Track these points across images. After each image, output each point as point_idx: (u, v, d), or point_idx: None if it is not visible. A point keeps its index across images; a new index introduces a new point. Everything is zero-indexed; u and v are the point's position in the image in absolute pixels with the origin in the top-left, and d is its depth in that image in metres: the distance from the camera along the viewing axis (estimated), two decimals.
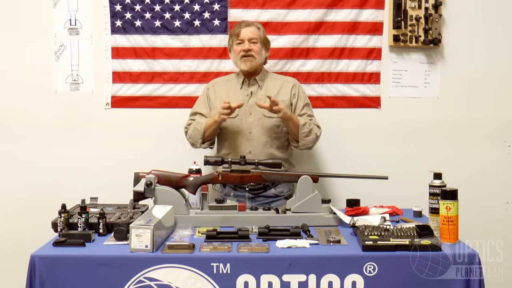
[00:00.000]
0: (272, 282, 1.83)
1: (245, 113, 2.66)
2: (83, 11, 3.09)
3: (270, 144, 2.64)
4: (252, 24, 2.71)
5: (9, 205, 3.12)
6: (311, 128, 2.62)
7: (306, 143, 2.64)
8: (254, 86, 2.71)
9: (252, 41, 2.65)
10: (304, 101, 2.74)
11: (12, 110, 3.10)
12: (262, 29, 2.74)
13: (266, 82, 2.73)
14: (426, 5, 3.07)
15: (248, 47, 2.64)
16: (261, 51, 2.69)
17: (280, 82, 2.76)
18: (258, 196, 2.65)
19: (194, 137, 2.64)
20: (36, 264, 1.83)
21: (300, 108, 2.71)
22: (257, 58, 2.66)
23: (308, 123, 2.62)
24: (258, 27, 2.72)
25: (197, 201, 2.34)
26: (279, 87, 2.72)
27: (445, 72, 3.15)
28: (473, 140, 3.17)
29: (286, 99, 2.69)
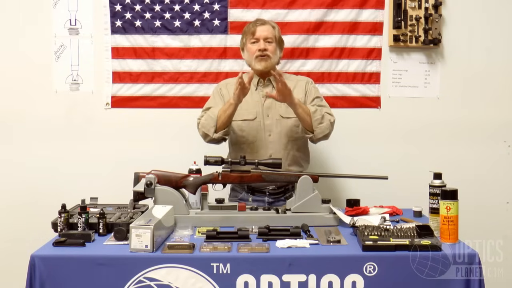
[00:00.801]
0: (272, 282, 1.83)
1: (262, 116, 2.60)
2: (83, 11, 3.09)
3: (291, 146, 2.58)
4: (267, 23, 2.62)
5: (9, 205, 3.12)
6: (323, 114, 2.51)
7: (322, 131, 2.51)
8: (269, 87, 2.63)
9: (267, 40, 2.56)
10: (314, 94, 2.65)
11: (12, 110, 3.10)
12: (277, 28, 2.65)
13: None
14: (426, 5, 3.07)
15: (263, 46, 2.54)
16: (276, 51, 2.60)
17: (294, 81, 2.68)
18: (278, 200, 2.60)
19: (206, 125, 2.51)
20: (36, 264, 1.83)
21: (310, 100, 2.62)
22: (272, 58, 2.57)
23: (319, 110, 2.52)
24: (273, 26, 2.63)
25: (197, 201, 2.34)
26: (293, 87, 2.60)
27: (445, 72, 3.15)
28: (473, 140, 3.17)
29: (300, 97, 2.59)
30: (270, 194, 2.60)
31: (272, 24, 2.64)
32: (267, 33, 2.57)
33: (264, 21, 2.64)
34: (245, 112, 2.59)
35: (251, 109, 2.60)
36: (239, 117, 2.58)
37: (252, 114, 2.59)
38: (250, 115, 2.60)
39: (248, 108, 2.60)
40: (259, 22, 2.62)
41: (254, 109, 2.60)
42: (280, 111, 2.58)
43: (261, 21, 2.63)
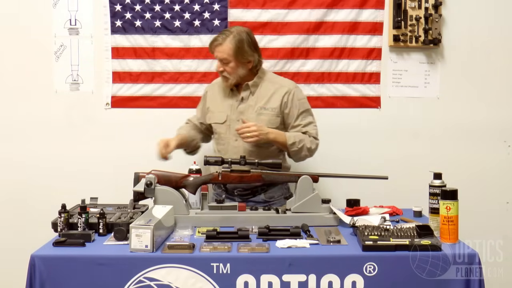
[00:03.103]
0: (272, 282, 1.83)
1: (233, 120, 2.58)
2: (83, 11, 3.09)
3: (257, 153, 2.51)
4: (225, 42, 2.49)
5: (9, 204, 3.12)
6: (301, 146, 2.50)
7: (299, 159, 2.57)
8: (246, 92, 2.60)
9: (223, 61, 2.51)
10: (299, 108, 2.57)
11: (12, 110, 3.10)
12: (238, 39, 2.49)
13: (259, 87, 2.59)
14: (426, 5, 3.07)
15: (218, 68, 2.54)
16: (236, 68, 2.51)
17: (275, 86, 2.59)
18: (247, 201, 2.56)
19: None
20: (36, 264, 1.83)
21: (294, 118, 2.56)
22: (231, 78, 2.53)
23: (296, 142, 2.48)
24: (233, 44, 2.48)
25: (197, 201, 2.34)
26: (272, 93, 2.56)
27: (445, 72, 3.15)
28: (473, 140, 3.17)
29: (275, 107, 2.54)
30: (239, 195, 2.59)
31: (231, 43, 2.49)
32: (221, 54, 2.50)
33: (223, 39, 2.50)
34: (218, 115, 2.63)
35: (222, 112, 2.62)
36: (212, 119, 2.65)
37: (221, 118, 2.61)
38: (221, 118, 2.61)
39: (221, 110, 2.62)
40: (216, 42, 2.51)
41: (225, 112, 2.61)
42: (251, 117, 2.54)
43: (219, 40, 2.51)
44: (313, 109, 3.04)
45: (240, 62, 2.52)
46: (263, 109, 2.55)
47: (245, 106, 2.58)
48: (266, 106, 2.56)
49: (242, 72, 2.55)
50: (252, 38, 2.58)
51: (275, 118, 2.56)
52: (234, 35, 2.51)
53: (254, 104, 2.57)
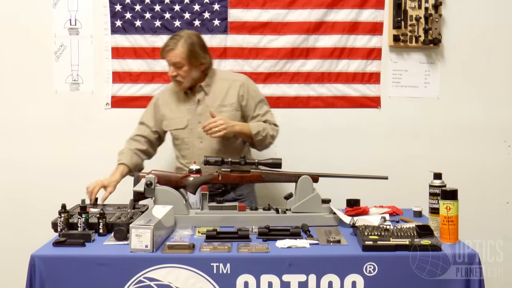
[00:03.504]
0: (272, 282, 1.83)
1: (194, 123, 2.59)
2: (83, 11, 3.09)
3: (224, 151, 2.55)
4: (177, 46, 2.49)
5: (9, 204, 3.12)
6: (265, 134, 2.56)
7: (264, 147, 2.63)
8: (200, 93, 2.61)
9: (176, 66, 2.51)
10: (255, 99, 2.63)
11: (12, 110, 3.10)
12: (189, 42, 2.51)
13: (213, 86, 2.62)
14: (426, 5, 3.07)
15: (172, 73, 2.53)
16: (189, 72, 2.53)
17: (228, 82, 2.63)
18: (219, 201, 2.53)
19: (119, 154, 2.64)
20: (36, 264, 1.83)
21: (253, 109, 2.61)
22: (184, 81, 2.55)
23: (260, 130, 2.54)
24: (185, 48, 2.50)
25: (197, 201, 2.33)
26: (227, 89, 2.60)
27: (445, 72, 3.15)
28: (473, 140, 3.17)
29: (233, 102, 2.59)
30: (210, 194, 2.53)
31: (183, 47, 2.50)
32: (174, 58, 2.50)
33: (174, 44, 2.51)
34: (177, 120, 2.62)
35: (182, 117, 2.62)
36: (172, 126, 2.64)
37: (182, 123, 2.61)
38: (181, 124, 2.61)
39: (180, 116, 2.62)
40: (168, 47, 2.52)
41: (185, 117, 2.61)
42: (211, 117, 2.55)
43: (170, 45, 2.51)
44: (313, 109, 3.06)
45: (193, 65, 2.54)
46: (222, 106, 2.59)
47: (203, 108, 2.60)
48: (224, 103, 2.59)
49: (196, 75, 2.57)
50: (202, 41, 2.61)
51: (235, 112, 2.60)
52: (186, 39, 2.52)
53: (211, 104, 2.59)
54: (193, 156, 2.55)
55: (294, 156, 2.93)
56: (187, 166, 2.49)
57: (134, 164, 2.60)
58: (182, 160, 2.63)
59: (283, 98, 3.13)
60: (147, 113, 2.71)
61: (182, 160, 2.64)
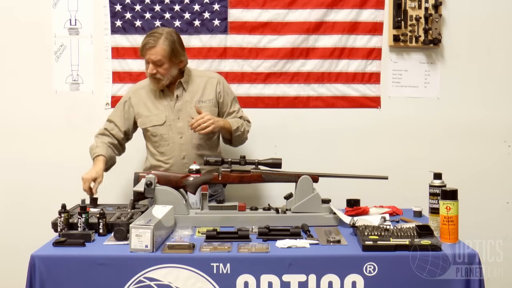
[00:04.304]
0: (272, 282, 1.83)
1: (173, 119, 2.61)
2: (83, 11, 3.09)
3: (203, 146, 2.62)
4: (158, 44, 2.48)
5: (9, 205, 3.12)
6: (243, 130, 2.64)
7: (240, 143, 2.71)
8: (179, 89, 2.63)
9: (156, 63, 2.51)
10: (230, 96, 2.71)
11: (12, 110, 3.10)
12: (170, 40, 2.51)
13: (190, 83, 2.66)
14: (426, 5, 3.07)
15: (151, 71, 2.52)
16: (169, 69, 2.54)
17: (205, 79, 2.68)
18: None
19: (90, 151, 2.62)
20: (36, 264, 1.83)
21: (229, 104, 2.69)
22: (164, 79, 2.55)
23: (239, 126, 2.62)
24: (166, 45, 2.49)
25: (197, 201, 2.34)
26: (204, 86, 2.66)
27: (445, 72, 3.15)
28: (473, 140, 3.17)
29: (212, 98, 2.65)
30: None
31: (164, 44, 2.49)
32: (155, 56, 2.49)
33: (154, 42, 2.49)
34: (155, 117, 2.63)
35: (160, 114, 2.63)
36: (149, 123, 2.64)
37: (161, 119, 2.62)
38: (159, 120, 2.62)
39: (157, 113, 2.63)
40: (148, 45, 2.50)
41: (163, 113, 2.62)
42: (191, 113, 2.60)
43: (151, 42, 2.50)
44: (313, 109, 3.06)
45: (173, 63, 2.55)
46: (200, 102, 2.63)
47: (181, 103, 2.62)
48: (203, 99, 2.64)
49: (175, 72, 2.59)
50: (180, 38, 2.62)
51: (214, 108, 2.65)
52: (166, 37, 2.52)
53: (190, 99, 2.62)
54: (173, 152, 2.59)
55: (294, 156, 2.92)
56: (167, 162, 2.56)
57: (109, 156, 2.60)
58: (160, 157, 2.63)
59: (283, 98, 3.13)
60: (116, 112, 2.71)
61: (160, 157, 2.63)
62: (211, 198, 2.61)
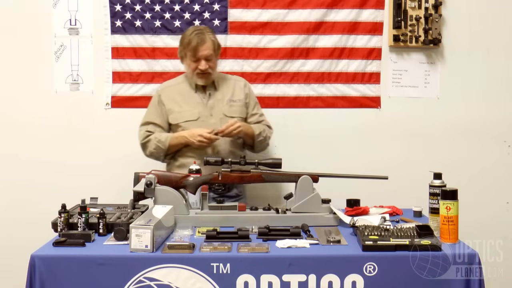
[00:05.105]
0: (272, 282, 1.83)
1: (206, 115, 2.64)
2: (83, 11, 3.09)
3: (235, 143, 2.65)
4: (207, 39, 2.58)
5: (9, 205, 3.12)
6: (265, 136, 2.69)
7: (261, 149, 2.74)
8: (211, 88, 2.69)
9: (208, 58, 2.58)
10: (254, 100, 2.79)
11: (12, 110, 3.10)
12: (214, 36, 2.64)
13: (220, 82, 2.72)
14: (426, 5, 3.07)
15: (204, 67, 2.58)
16: (216, 64, 2.67)
17: (232, 81, 2.76)
18: (221, 196, 2.56)
19: (156, 154, 2.66)
20: (36, 264, 1.83)
21: (252, 107, 2.75)
22: (213, 74, 2.64)
23: (261, 131, 2.66)
24: (213, 39, 2.61)
25: (197, 201, 2.34)
26: (233, 86, 2.73)
27: (445, 72, 3.15)
28: (473, 140, 3.17)
29: (241, 98, 2.72)
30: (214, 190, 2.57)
31: (211, 37, 2.60)
32: (207, 51, 2.58)
33: (204, 37, 2.58)
34: (188, 113, 2.65)
35: (193, 110, 2.65)
36: (182, 119, 2.65)
37: (194, 115, 2.64)
38: (193, 116, 2.64)
39: (190, 109, 2.65)
40: (200, 40, 2.56)
41: (196, 109, 2.65)
42: (223, 110, 2.66)
43: (200, 37, 2.57)
44: (313, 109, 3.06)
45: (217, 56, 2.68)
46: (231, 101, 2.69)
47: (214, 101, 2.67)
48: (233, 98, 2.70)
49: (217, 70, 2.70)
50: None
51: (244, 109, 2.72)
52: (209, 31, 2.64)
53: (222, 98, 2.68)
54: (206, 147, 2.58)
55: (294, 156, 2.93)
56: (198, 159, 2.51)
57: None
58: (192, 154, 2.61)
59: (283, 98, 3.13)
60: (152, 112, 2.72)
61: (191, 153, 2.62)
62: (235, 199, 2.65)
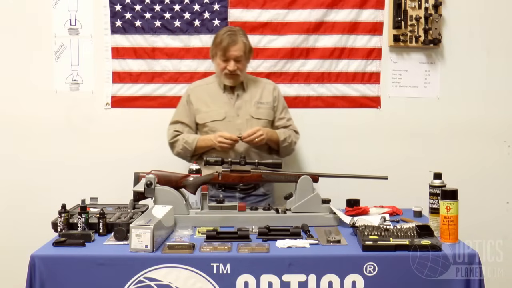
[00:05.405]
0: (272, 282, 1.83)
1: (232, 116, 2.65)
2: (83, 11, 3.09)
3: (260, 147, 2.63)
4: (238, 40, 2.59)
5: (9, 204, 3.12)
6: (290, 141, 2.68)
7: (287, 154, 2.74)
8: (239, 89, 2.70)
9: (237, 59, 2.59)
10: (283, 104, 2.78)
11: (12, 110, 3.10)
12: (246, 38, 2.65)
13: (249, 84, 2.73)
14: (426, 5, 3.07)
15: (233, 68, 2.59)
16: (245, 66, 2.68)
17: (261, 84, 2.77)
18: (249, 195, 2.64)
19: (183, 154, 2.67)
20: (36, 264, 1.83)
21: (280, 110, 2.75)
22: (241, 75, 2.65)
23: (287, 138, 2.66)
24: (244, 41, 2.62)
25: (197, 201, 2.34)
26: (262, 89, 2.73)
27: (445, 72, 3.15)
28: (473, 140, 3.17)
29: (270, 101, 2.72)
30: (241, 190, 2.63)
31: (243, 39, 2.62)
32: (238, 52, 2.59)
33: (236, 38, 2.59)
34: (214, 113, 2.66)
35: (220, 109, 2.66)
36: (208, 118, 2.66)
37: (221, 115, 2.65)
38: (219, 115, 2.65)
39: (216, 109, 2.66)
40: (231, 41, 2.58)
41: (223, 109, 2.66)
42: (250, 111, 2.66)
43: (232, 38, 2.58)
44: (313, 109, 3.06)
45: (247, 59, 2.68)
46: (259, 103, 2.68)
47: (241, 102, 2.67)
48: (261, 100, 2.69)
49: (245, 72, 2.71)
50: None
51: (271, 111, 2.71)
52: (241, 33, 2.65)
53: (249, 100, 2.67)
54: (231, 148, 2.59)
55: (294, 156, 2.92)
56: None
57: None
58: (216, 152, 2.60)
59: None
60: (181, 112, 2.74)
61: (216, 153, 2.60)
62: (262, 198, 2.66)
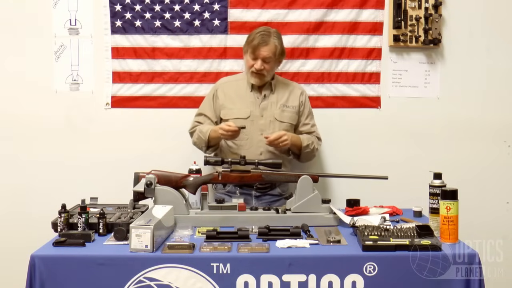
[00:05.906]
0: (272, 282, 1.83)
1: (256, 115, 2.67)
2: (83, 11, 3.09)
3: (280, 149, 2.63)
4: (270, 42, 2.60)
5: (9, 205, 3.11)
6: (312, 148, 2.69)
7: (308, 160, 2.77)
8: (267, 90, 2.72)
9: (266, 60, 2.60)
10: (309, 109, 2.80)
11: (12, 110, 3.10)
12: (280, 41, 2.65)
13: (277, 86, 2.75)
14: (426, 5, 3.07)
15: (260, 67, 2.60)
16: (273, 68, 2.68)
17: (289, 87, 2.78)
18: (265, 194, 2.65)
19: (198, 144, 2.70)
20: (36, 264, 1.83)
21: (306, 116, 2.77)
22: (267, 76, 2.66)
23: (309, 144, 2.67)
24: (276, 43, 2.62)
25: (197, 201, 2.34)
26: (289, 93, 2.75)
27: (445, 72, 3.15)
28: (473, 140, 3.17)
29: (295, 105, 2.73)
30: (258, 188, 2.63)
31: (275, 42, 2.62)
32: (267, 53, 2.60)
33: (268, 39, 2.60)
34: (239, 110, 2.67)
35: (245, 108, 2.67)
36: (232, 115, 2.67)
37: (245, 113, 2.66)
38: (244, 114, 2.66)
39: (242, 107, 2.67)
40: (263, 41, 2.59)
41: (248, 108, 2.67)
42: (275, 113, 2.67)
43: (264, 38, 2.60)
44: (313, 109, 3.05)
45: (277, 61, 2.68)
46: (285, 106, 2.70)
47: (267, 103, 2.69)
48: (287, 104, 2.71)
49: (272, 74, 2.72)
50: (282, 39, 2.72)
51: (295, 115, 2.73)
52: (276, 35, 2.65)
53: (276, 101, 2.69)
54: (251, 147, 2.62)
55: None
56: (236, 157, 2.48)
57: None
58: (237, 151, 2.62)
59: None
60: (206, 105, 2.77)
61: (236, 150, 2.63)
62: (278, 198, 2.67)
